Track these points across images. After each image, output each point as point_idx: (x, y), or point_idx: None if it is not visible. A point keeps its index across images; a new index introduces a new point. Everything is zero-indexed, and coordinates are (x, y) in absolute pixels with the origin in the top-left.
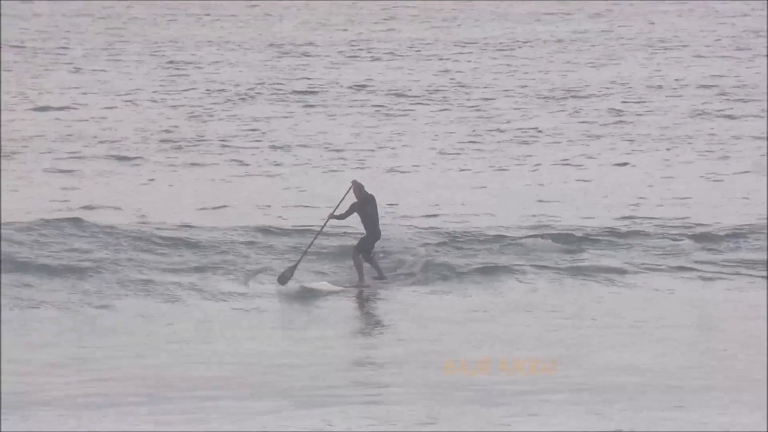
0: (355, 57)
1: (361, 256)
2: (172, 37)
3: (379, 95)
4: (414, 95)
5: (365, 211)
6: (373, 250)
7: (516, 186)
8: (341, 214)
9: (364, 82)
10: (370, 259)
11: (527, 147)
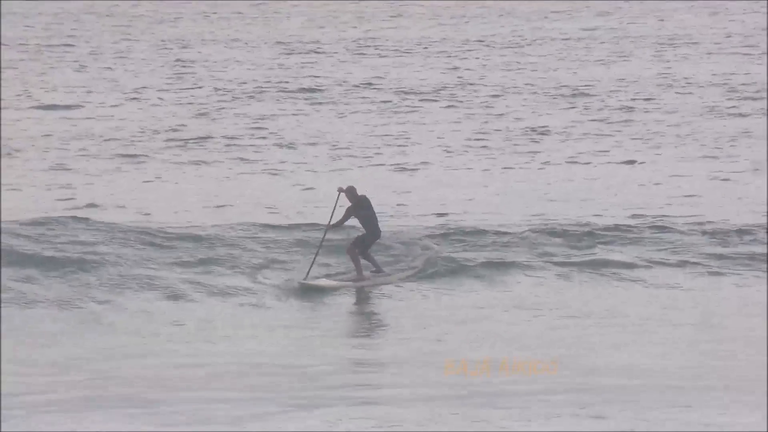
0: (362, 55)
1: (358, 251)
2: (179, 35)
3: (387, 93)
4: (422, 93)
5: (361, 213)
6: (371, 248)
7: (523, 183)
8: (337, 221)
9: (371, 80)
10: (367, 255)
11: (534, 144)
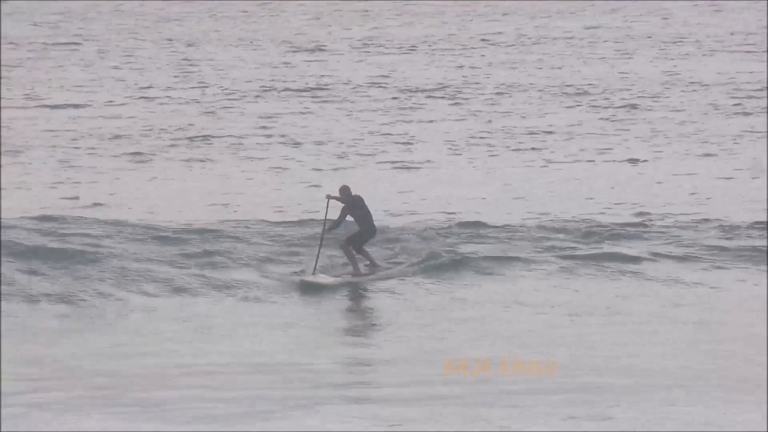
0: (367, 53)
1: (352, 248)
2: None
3: (392, 91)
4: (426, 91)
5: (356, 212)
6: (365, 245)
7: (526, 180)
8: (333, 222)
9: (377, 79)
10: (362, 251)
11: (538, 142)
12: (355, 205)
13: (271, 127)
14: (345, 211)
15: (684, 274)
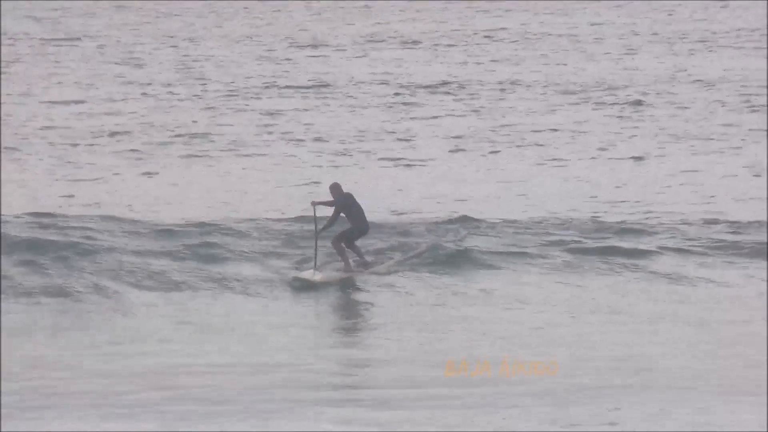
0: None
1: (343, 244)
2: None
3: (394, 87)
4: (430, 87)
5: (347, 210)
6: (356, 241)
7: (529, 177)
8: (327, 222)
9: (379, 75)
10: (353, 246)
11: (542, 139)
12: (346, 203)
13: (273, 123)
14: (338, 210)
15: (687, 272)
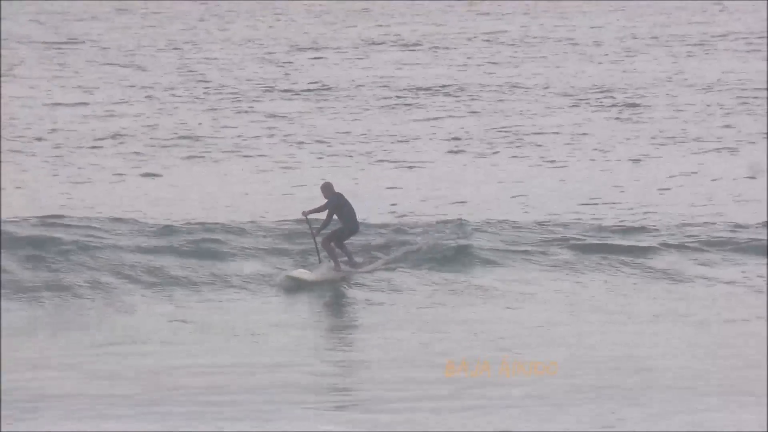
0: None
1: (333, 244)
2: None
3: (394, 89)
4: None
5: (339, 210)
6: (346, 241)
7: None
8: (321, 224)
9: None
10: (342, 246)
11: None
12: (338, 203)
13: (274, 126)
14: (331, 211)
15: (687, 271)
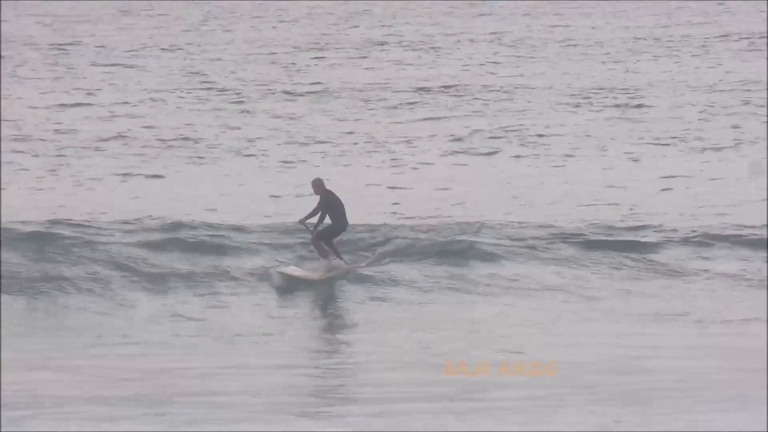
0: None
1: (323, 242)
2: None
3: (395, 89)
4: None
5: (330, 207)
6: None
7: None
8: (316, 224)
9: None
10: (331, 244)
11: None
12: (328, 200)
13: (276, 127)
14: (324, 211)
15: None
